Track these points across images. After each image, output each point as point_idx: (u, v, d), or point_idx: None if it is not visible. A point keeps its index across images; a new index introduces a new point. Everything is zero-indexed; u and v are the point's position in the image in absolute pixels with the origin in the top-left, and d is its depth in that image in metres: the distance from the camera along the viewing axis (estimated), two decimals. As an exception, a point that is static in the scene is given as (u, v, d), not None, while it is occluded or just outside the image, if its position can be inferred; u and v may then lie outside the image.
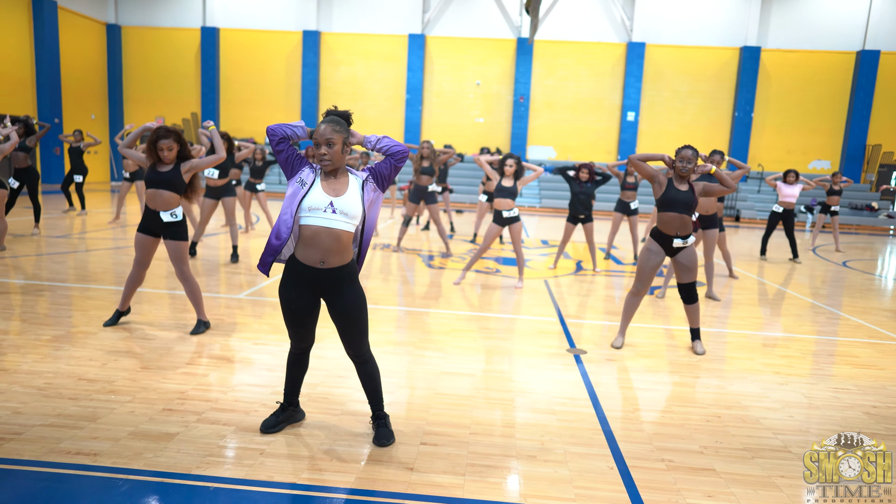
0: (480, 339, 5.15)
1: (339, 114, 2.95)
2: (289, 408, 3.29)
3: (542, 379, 4.24)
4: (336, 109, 2.98)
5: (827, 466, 2.85)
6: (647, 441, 3.34)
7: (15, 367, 3.94)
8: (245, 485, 2.72)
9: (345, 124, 2.92)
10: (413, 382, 4.07)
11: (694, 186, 4.92)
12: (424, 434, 3.28)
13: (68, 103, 20.48)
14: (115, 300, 5.75)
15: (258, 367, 4.19)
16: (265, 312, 5.67)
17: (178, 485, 2.70)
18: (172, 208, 4.70)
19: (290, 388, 3.27)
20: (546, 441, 3.29)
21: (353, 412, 3.52)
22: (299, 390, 3.31)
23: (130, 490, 2.65)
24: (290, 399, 3.29)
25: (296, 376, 3.25)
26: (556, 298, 6.84)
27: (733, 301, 7.21)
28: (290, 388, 3.27)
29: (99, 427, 3.18)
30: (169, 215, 4.67)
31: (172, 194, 4.69)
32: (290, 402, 3.30)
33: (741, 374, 4.56)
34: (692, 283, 5.05)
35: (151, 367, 4.06)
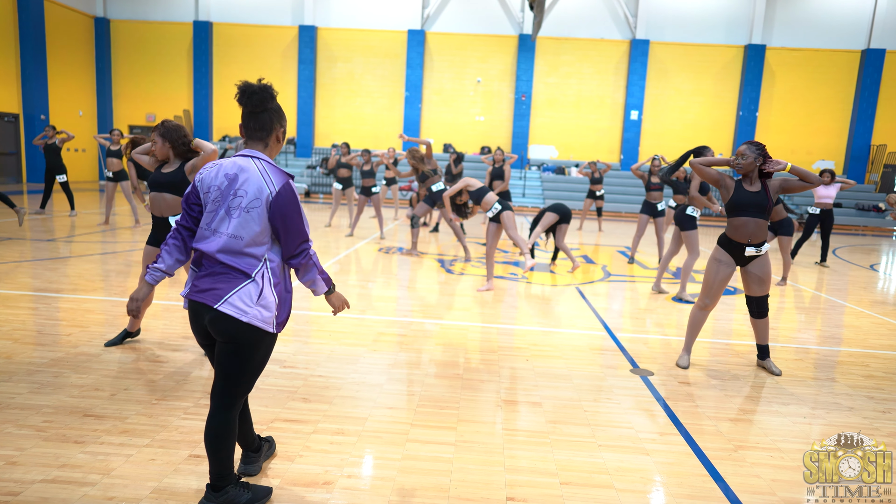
0: (530, 357, 4.62)
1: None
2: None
3: (617, 408, 3.71)
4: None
5: (827, 466, 2.81)
6: (768, 490, 2.82)
7: (7, 401, 3.35)
8: (306, 564, 2.17)
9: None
10: (470, 414, 3.52)
11: (769, 186, 4.42)
12: (508, 486, 2.74)
13: (55, 99, 19.69)
14: (117, 313, 5.16)
15: (292, 398, 3.62)
16: (287, 328, 5.10)
17: (222, 565, 2.14)
18: (178, 212, 4.15)
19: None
20: (651, 491, 2.76)
21: (416, 454, 2.97)
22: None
23: (163, 575, 2.09)
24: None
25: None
26: (595, 308, 6.32)
27: (771, 308, 6.74)
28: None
29: (114, 482, 2.61)
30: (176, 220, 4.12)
31: (175, 197, 4.15)
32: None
33: (832, 399, 4.06)
34: (765, 296, 4.56)
35: (168, 398, 3.49)
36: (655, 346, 5.12)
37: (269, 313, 2.29)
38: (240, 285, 2.25)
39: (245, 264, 2.27)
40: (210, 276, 2.28)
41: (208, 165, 2.37)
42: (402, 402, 3.64)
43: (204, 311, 2.27)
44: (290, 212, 2.28)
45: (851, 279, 9.21)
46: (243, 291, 2.24)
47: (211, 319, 2.25)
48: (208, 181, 2.32)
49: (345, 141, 17.53)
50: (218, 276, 2.27)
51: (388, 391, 3.80)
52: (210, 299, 2.23)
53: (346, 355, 4.43)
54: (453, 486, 2.72)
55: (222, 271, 2.27)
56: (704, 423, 3.58)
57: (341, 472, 2.79)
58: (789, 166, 4.30)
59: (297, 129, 22.01)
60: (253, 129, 2.39)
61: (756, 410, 3.84)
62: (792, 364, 4.80)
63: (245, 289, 2.24)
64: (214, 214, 2.29)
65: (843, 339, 5.73)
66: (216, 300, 2.23)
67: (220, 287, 2.24)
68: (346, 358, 4.36)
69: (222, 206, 2.27)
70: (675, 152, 21.68)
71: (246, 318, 2.22)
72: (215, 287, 2.25)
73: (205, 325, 2.29)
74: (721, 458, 3.13)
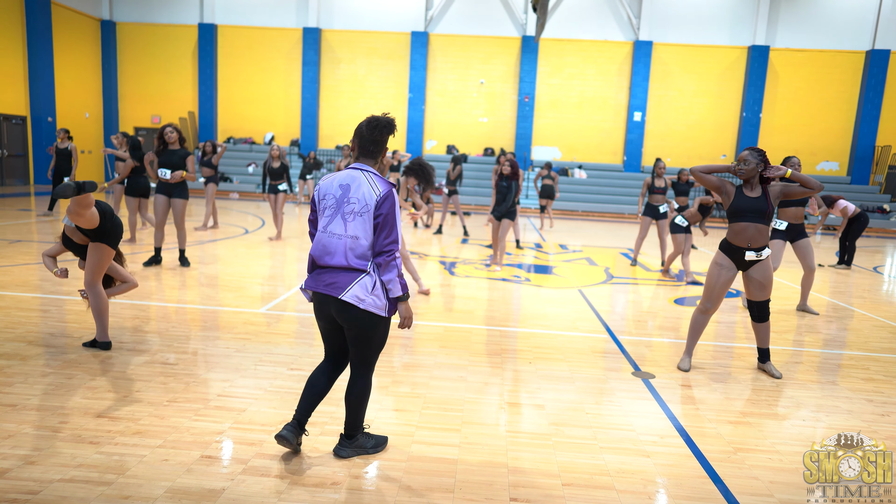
0: (534, 360, 4.69)
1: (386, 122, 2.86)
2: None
3: (619, 411, 3.78)
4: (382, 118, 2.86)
5: (827, 466, 2.82)
6: (766, 492, 2.89)
7: (24, 402, 3.44)
8: (316, 562, 2.24)
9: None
10: (474, 416, 3.60)
11: (769, 192, 4.48)
12: (511, 487, 2.81)
13: (62, 101, 19.82)
14: (125, 315, 5.24)
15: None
16: (293, 331, 5.19)
17: (235, 563, 2.22)
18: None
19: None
20: (652, 493, 2.83)
21: (420, 455, 3.05)
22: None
23: (178, 572, 2.16)
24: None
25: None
26: (598, 311, 6.39)
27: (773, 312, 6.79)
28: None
29: (129, 482, 2.69)
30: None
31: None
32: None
33: (831, 402, 4.12)
34: (766, 300, 4.62)
35: (179, 400, 3.57)
36: (657, 349, 5.19)
37: (382, 301, 2.74)
38: (357, 278, 2.71)
39: (360, 261, 2.72)
40: (331, 272, 2.75)
41: (327, 176, 2.84)
42: (407, 404, 3.72)
43: (329, 301, 2.74)
44: (388, 213, 2.72)
45: (855, 281, 9.25)
46: (360, 284, 2.71)
47: (337, 309, 2.73)
48: (325, 189, 2.81)
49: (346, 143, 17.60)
50: (339, 271, 2.73)
51: (392, 393, 3.88)
52: (334, 291, 2.71)
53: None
54: (458, 487, 2.79)
55: (342, 267, 2.71)
56: (705, 425, 3.65)
57: (348, 473, 2.86)
58: (789, 172, 4.36)
59: (300, 130, 22.11)
60: (369, 150, 2.84)
61: (756, 413, 3.90)
62: (793, 367, 4.86)
63: (362, 281, 2.71)
64: (330, 219, 2.76)
65: (846, 343, 5.78)
66: (339, 292, 2.70)
67: (342, 280, 2.71)
68: (352, 360, 4.44)
69: (337, 212, 2.74)
70: (679, 153, 21.73)
71: (363, 306, 2.69)
72: (337, 281, 2.72)
73: (330, 312, 2.77)
74: (720, 460, 3.20)
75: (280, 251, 9.27)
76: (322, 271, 2.79)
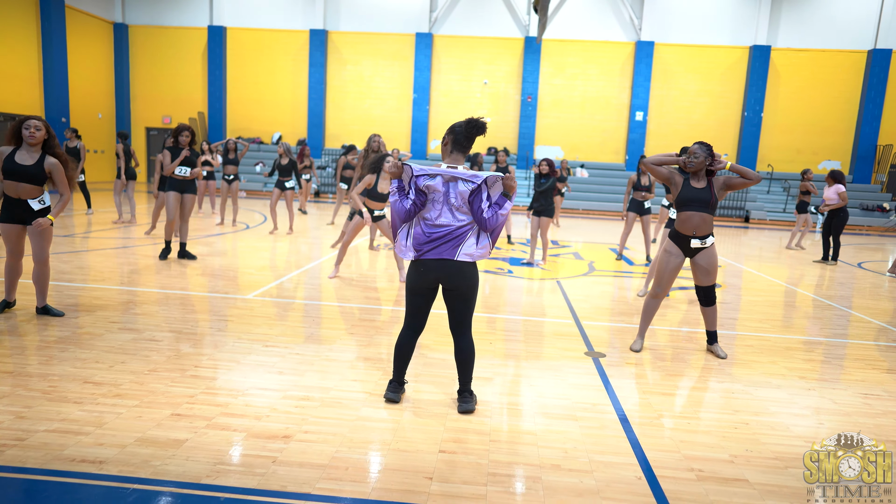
0: (495, 341, 5.02)
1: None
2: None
3: (562, 384, 4.10)
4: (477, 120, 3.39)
5: (827, 466, 2.83)
6: (674, 449, 3.20)
7: (19, 370, 3.83)
8: (257, 495, 2.60)
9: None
10: (425, 387, 3.94)
11: (713, 183, 4.77)
12: (442, 441, 3.15)
13: (75, 102, 20.45)
14: (124, 300, 5.65)
15: (268, 370, 4.06)
16: (274, 314, 5.56)
17: (187, 495, 2.58)
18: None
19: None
20: (569, 449, 3.15)
21: (367, 417, 3.40)
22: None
23: (137, 500, 2.53)
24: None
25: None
26: (570, 299, 6.70)
27: (744, 302, 7.06)
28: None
29: (105, 433, 3.06)
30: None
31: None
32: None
33: (766, 378, 4.41)
34: (711, 285, 4.91)
35: (159, 370, 3.95)
36: (616, 333, 5.49)
37: (482, 251, 3.42)
38: (464, 241, 3.38)
39: (461, 232, 3.37)
40: (439, 244, 3.37)
41: (430, 172, 3.33)
42: (365, 375, 4.07)
43: (438, 265, 3.36)
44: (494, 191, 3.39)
45: (834, 277, 9.46)
46: (466, 244, 3.38)
47: (449, 271, 3.37)
48: (432, 185, 3.34)
49: (352, 143, 18.01)
50: (446, 242, 3.36)
51: (356, 367, 4.23)
52: (448, 255, 3.36)
53: (324, 336, 4.87)
54: (395, 442, 3.13)
55: (448, 239, 3.36)
56: (638, 396, 3.96)
57: (299, 429, 3.22)
58: (729, 164, 4.66)
59: (307, 130, 22.58)
60: (464, 147, 3.40)
61: (691, 387, 4.21)
62: (740, 349, 5.14)
63: (468, 242, 3.38)
64: (439, 213, 3.35)
65: (803, 329, 6.04)
66: (453, 255, 3.36)
67: (449, 248, 3.38)
68: (323, 337, 4.80)
69: (445, 204, 3.34)
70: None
71: (471, 259, 3.37)
72: (444, 248, 3.38)
73: (434, 277, 3.37)
74: (642, 423, 3.51)
75: (273, 244, 9.67)
76: (429, 245, 3.43)
